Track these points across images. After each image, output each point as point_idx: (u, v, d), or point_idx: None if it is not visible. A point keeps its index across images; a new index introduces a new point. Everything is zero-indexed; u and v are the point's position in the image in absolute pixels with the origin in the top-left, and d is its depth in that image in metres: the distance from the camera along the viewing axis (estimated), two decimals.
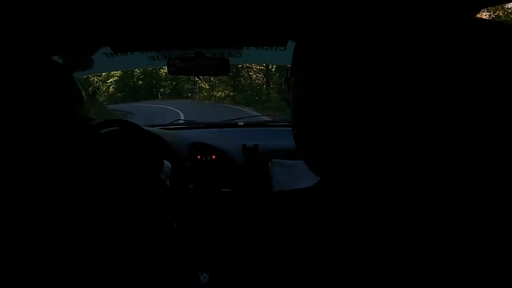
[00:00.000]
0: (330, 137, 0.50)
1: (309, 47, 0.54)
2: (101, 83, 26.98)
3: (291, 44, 1.94)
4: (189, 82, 26.28)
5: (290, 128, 0.59)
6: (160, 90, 28.48)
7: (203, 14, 1.37)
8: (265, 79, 21.63)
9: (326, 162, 0.53)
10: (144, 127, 1.74)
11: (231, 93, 21.70)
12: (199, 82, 22.45)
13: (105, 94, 27.36)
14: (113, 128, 1.73)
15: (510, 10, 13.02)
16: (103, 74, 24.36)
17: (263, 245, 0.49)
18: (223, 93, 22.46)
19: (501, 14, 12.89)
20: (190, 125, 2.71)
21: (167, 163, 1.49)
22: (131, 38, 1.69)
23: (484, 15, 11.40)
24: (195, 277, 1.54)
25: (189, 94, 26.35)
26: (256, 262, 0.48)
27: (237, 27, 1.60)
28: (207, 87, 23.70)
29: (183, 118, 2.68)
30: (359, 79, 0.47)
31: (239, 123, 2.69)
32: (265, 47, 2.19)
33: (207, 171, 2.12)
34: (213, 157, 2.12)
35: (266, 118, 2.84)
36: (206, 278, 1.59)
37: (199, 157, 2.12)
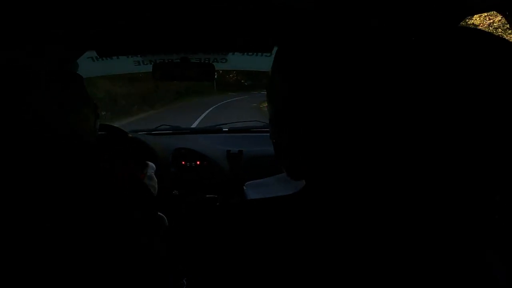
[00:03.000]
0: (307, 147, 0.50)
1: (288, 53, 0.53)
2: None
3: None
4: None
5: None
6: None
7: (189, 19, 1.37)
8: None
9: (305, 171, 0.53)
10: (128, 133, 1.72)
11: None
12: None
13: None
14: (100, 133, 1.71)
15: None
16: None
17: (244, 250, 0.49)
18: None
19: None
20: (174, 130, 2.69)
21: (151, 165, 1.45)
22: (117, 42, 1.68)
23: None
24: (179, 284, 1.52)
25: None
26: (237, 268, 0.48)
27: (223, 32, 1.61)
28: None
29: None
30: (335, 85, 0.47)
31: (223, 129, 2.68)
32: (250, 53, 2.20)
33: (191, 177, 2.11)
34: (198, 163, 2.11)
35: (250, 124, 2.83)
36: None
37: (183, 162, 2.11)
